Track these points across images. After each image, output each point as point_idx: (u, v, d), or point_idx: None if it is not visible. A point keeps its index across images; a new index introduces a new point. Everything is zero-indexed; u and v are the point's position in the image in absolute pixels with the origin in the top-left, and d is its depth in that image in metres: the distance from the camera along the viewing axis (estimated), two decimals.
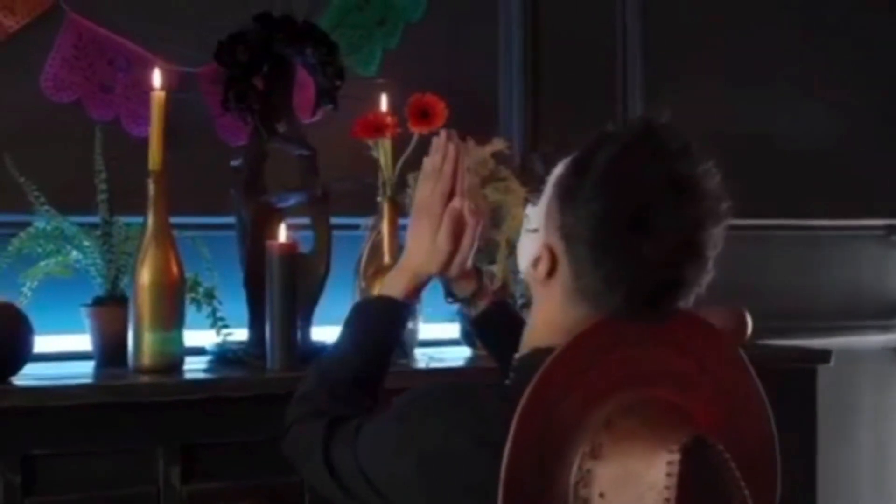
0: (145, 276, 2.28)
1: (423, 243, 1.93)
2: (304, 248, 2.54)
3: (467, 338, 2.68)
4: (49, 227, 2.41)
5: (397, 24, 2.90)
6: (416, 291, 1.98)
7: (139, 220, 2.34)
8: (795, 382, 2.82)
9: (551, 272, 1.64)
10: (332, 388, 1.87)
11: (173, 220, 2.54)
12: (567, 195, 1.60)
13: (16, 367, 2.16)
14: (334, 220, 2.56)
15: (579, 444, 1.54)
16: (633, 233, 1.54)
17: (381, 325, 1.95)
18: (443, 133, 1.98)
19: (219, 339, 2.47)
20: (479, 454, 1.55)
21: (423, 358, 2.57)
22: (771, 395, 2.81)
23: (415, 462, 1.60)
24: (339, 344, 1.94)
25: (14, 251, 2.37)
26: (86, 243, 2.40)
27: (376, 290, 2.41)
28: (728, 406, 1.65)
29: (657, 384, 1.60)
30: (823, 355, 2.83)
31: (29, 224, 2.41)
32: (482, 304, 2.04)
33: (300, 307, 2.44)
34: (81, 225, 2.43)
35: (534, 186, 3.01)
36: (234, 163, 2.53)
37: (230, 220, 2.53)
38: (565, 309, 1.64)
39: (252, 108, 2.47)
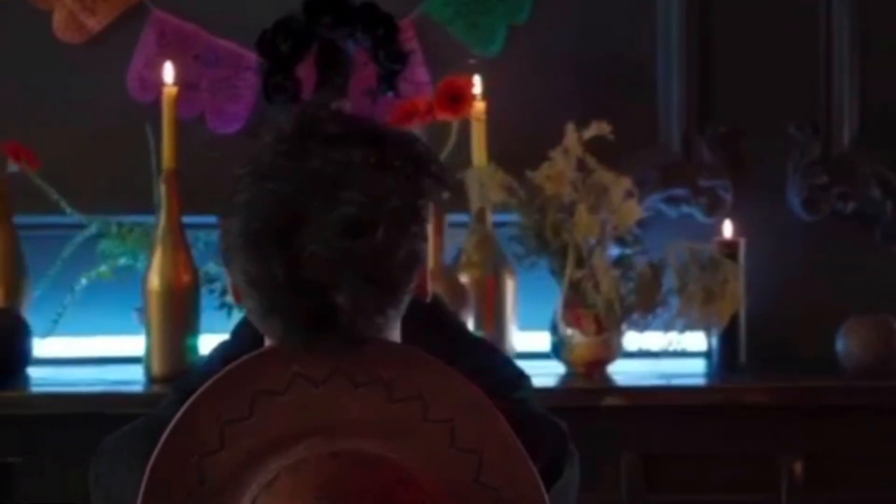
0: (154, 280, 2.21)
1: None
2: None
3: (558, 350, 2.35)
4: (125, 228, 2.40)
5: None
6: None
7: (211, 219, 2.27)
8: None
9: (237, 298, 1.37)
10: None
11: None
12: (225, 206, 1.32)
13: (10, 373, 2.16)
14: None
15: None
16: (273, 252, 1.24)
17: None
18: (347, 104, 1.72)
19: None
20: None
21: None
22: None
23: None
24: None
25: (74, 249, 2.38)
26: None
27: None
28: (471, 464, 1.29)
29: (353, 433, 1.28)
30: None
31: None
32: None
33: None
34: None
35: (701, 177, 2.60)
36: None
37: None
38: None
39: (297, 99, 2.31)
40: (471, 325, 2.29)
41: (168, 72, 2.24)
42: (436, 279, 2.25)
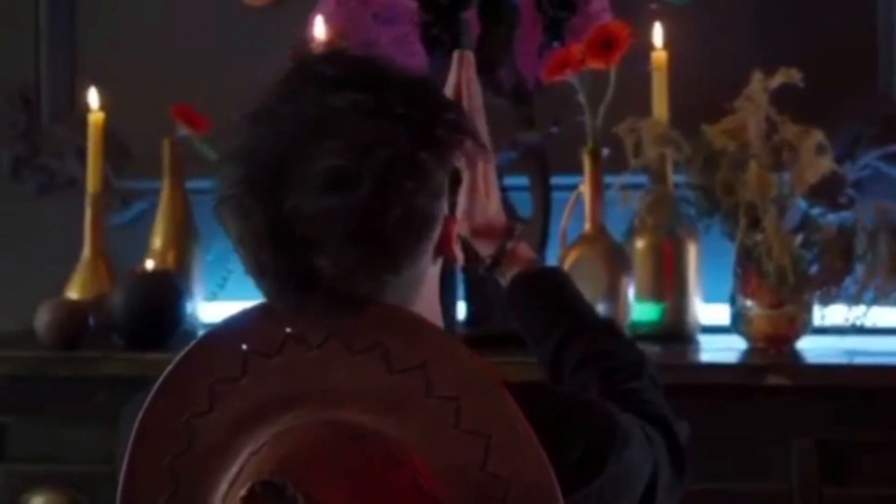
0: None
1: None
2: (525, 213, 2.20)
3: (737, 324, 2.12)
4: None
5: None
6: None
7: None
8: None
9: None
10: None
11: None
12: (220, 154, 1.22)
13: (161, 336, 2.15)
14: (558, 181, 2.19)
15: (229, 470, 1.18)
16: (256, 205, 1.13)
17: None
18: (455, 55, 1.55)
19: None
20: None
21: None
22: None
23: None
24: None
25: None
26: None
27: (568, 265, 2.07)
28: (477, 449, 1.14)
29: (348, 404, 1.16)
30: None
31: None
32: (509, 273, 1.49)
33: None
34: None
35: None
36: None
37: None
38: None
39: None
40: (632, 293, 2.11)
41: (319, 26, 2.17)
42: (591, 243, 2.10)
